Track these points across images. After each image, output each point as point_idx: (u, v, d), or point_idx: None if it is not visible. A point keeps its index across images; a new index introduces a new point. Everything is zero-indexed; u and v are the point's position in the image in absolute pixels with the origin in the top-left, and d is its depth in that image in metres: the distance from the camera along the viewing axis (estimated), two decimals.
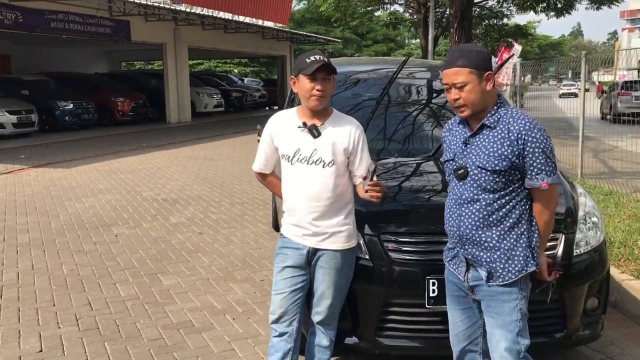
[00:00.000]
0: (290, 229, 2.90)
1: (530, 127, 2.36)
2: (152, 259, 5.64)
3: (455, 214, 2.52)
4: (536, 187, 2.38)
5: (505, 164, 2.37)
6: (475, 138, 2.47)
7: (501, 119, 2.42)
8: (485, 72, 2.41)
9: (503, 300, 2.45)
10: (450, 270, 2.65)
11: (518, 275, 2.43)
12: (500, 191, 2.41)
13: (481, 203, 2.43)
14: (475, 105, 2.42)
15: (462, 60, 2.40)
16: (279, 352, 2.87)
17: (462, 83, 2.39)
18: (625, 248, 5.01)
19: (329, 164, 2.78)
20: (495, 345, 2.49)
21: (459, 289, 2.63)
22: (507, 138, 2.38)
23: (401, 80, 4.31)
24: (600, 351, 3.71)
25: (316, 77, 2.69)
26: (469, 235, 2.47)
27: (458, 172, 2.48)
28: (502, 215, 2.42)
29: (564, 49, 71.26)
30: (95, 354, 3.71)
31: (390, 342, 3.11)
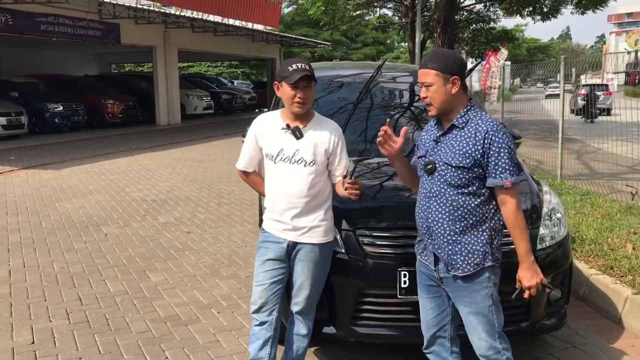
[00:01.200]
0: (271, 224, 3.10)
1: (497, 129, 2.56)
2: (140, 257, 5.81)
3: (424, 207, 2.72)
4: (499, 185, 2.55)
5: (469, 161, 2.57)
6: (445, 137, 2.68)
7: (470, 120, 2.62)
8: (452, 76, 2.60)
9: (475, 290, 2.65)
10: (422, 261, 2.84)
11: (476, 269, 2.62)
12: (464, 187, 2.60)
13: (447, 197, 2.63)
14: (439, 104, 2.63)
15: (432, 63, 2.62)
16: (259, 340, 3.06)
17: (428, 83, 2.62)
18: (596, 245, 5.22)
19: (310, 163, 2.98)
20: (473, 330, 2.69)
21: (429, 279, 2.82)
22: (473, 137, 2.58)
23: (379, 83, 4.51)
24: (566, 340, 3.92)
25: (298, 85, 2.89)
26: (435, 227, 2.67)
27: (427, 167, 2.69)
28: (466, 212, 2.61)
29: (552, 52, 71.98)
30: (85, 345, 3.88)
31: (365, 331, 3.30)
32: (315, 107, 3.31)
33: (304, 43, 34.33)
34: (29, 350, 3.82)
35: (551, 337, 3.92)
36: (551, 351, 3.79)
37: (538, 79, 24.33)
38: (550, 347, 3.84)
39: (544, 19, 22.27)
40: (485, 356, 2.70)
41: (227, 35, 26.24)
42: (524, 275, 2.60)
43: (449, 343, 2.88)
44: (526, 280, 2.60)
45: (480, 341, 2.68)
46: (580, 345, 3.87)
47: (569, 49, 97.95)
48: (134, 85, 24.21)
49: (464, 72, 2.69)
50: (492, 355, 2.68)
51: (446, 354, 2.88)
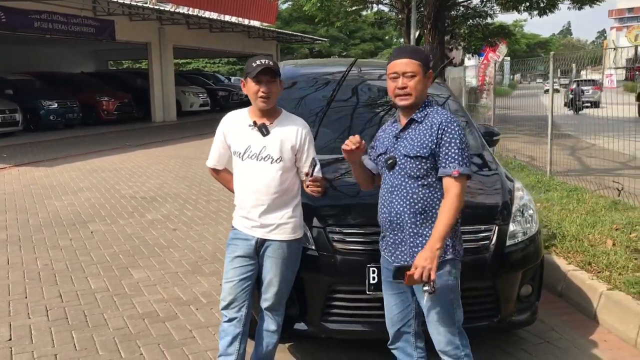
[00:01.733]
0: (240, 221, 3.12)
1: (449, 120, 2.65)
2: (124, 254, 5.83)
3: (386, 202, 2.76)
4: (448, 174, 2.60)
5: (425, 151, 2.64)
6: (405, 132, 2.74)
7: (428, 115, 2.71)
8: (429, 71, 2.73)
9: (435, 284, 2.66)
10: (385, 257, 2.86)
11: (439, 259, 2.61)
12: (423, 178, 2.66)
13: (407, 190, 2.68)
14: (417, 95, 2.69)
15: (414, 55, 2.70)
16: (229, 336, 3.08)
17: (412, 73, 2.66)
18: (577, 241, 5.24)
19: (276, 160, 3.00)
20: (433, 324, 2.72)
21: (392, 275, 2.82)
22: (429, 129, 2.67)
23: (353, 81, 4.52)
24: (540, 336, 3.94)
25: (261, 80, 2.91)
26: (398, 220, 2.70)
27: (388, 162, 2.75)
28: (426, 204, 2.66)
29: (552, 47, 71.85)
30: (61, 341, 3.90)
31: (335, 327, 3.33)
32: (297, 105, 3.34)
33: (301, 39, 34.31)
34: (5, 347, 3.84)
35: (525, 333, 3.95)
36: (524, 346, 3.81)
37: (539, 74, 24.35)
38: (524, 343, 3.86)
39: (541, 14, 22.23)
40: (444, 351, 2.72)
41: (222, 31, 26.23)
42: (422, 255, 2.51)
43: (414, 338, 2.91)
44: (420, 259, 2.50)
45: (439, 336, 2.71)
46: (554, 341, 3.90)
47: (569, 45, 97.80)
48: (130, 82, 24.22)
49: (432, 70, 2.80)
50: (450, 350, 2.70)
51: (411, 349, 2.90)
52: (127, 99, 21.84)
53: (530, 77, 29.49)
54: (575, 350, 3.78)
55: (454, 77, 17.78)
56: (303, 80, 4.72)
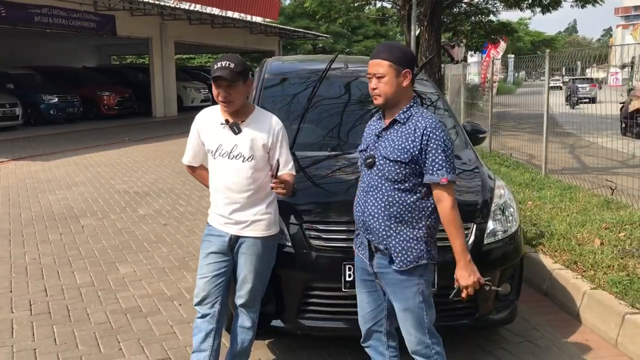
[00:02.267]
0: (214, 218, 3.11)
1: (435, 126, 2.57)
2: (113, 249, 5.83)
3: (361, 201, 2.72)
4: (436, 181, 2.54)
5: (406, 156, 2.57)
6: (387, 132, 2.67)
7: (412, 117, 2.62)
8: (404, 69, 2.60)
9: (405, 287, 2.65)
10: (359, 256, 2.84)
11: (409, 266, 2.61)
12: (401, 183, 2.60)
13: (383, 192, 2.62)
14: (388, 96, 2.61)
15: (384, 54, 2.60)
16: (202, 332, 3.07)
17: (381, 74, 2.59)
18: (564, 240, 5.21)
19: (248, 158, 2.98)
20: (403, 325, 2.71)
21: (365, 273, 2.82)
22: (412, 134, 2.58)
23: (336, 77, 4.50)
24: (521, 334, 3.92)
25: (220, 84, 2.89)
26: (371, 221, 2.66)
27: (367, 161, 2.69)
28: (402, 208, 2.60)
29: (557, 45, 71.48)
30: (42, 336, 3.91)
31: (311, 324, 3.32)
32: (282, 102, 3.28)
33: (303, 35, 34.24)
34: None
35: (506, 331, 3.93)
36: (504, 345, 3.79)
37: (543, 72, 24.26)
38: (504, 341, 3.84)
39: (544, 12, 22.13)
40: (415, 351, 2.71)
41: (224, 27, 26.19)
42: (461, 275, 2.58)
43: (385, 337, 2.89)
44: (463, 279, 2.58)
45: (410, 336, 2.70)
46: (535, 340, 3.88)
47: (574, 42, 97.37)
48: (132, 77, 24.23)
49: (414, 67, 2.68)
50: (421, 349, 2.69)
51: (382, 348, 2.89)
52: (128, 93, 21.85)
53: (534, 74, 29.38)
54: (555, 349, 3.76)
55: (453, 74, 17.70)
56: (289, 77, 4.71)
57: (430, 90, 4.61)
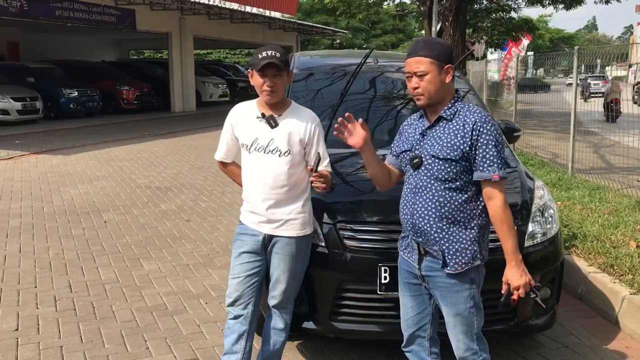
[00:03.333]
0: (247, 216, 3.02)
1: (485, 120, 2.46)
2: (136, 245, 5.78)
3: (409, 203, 2.59)
4: (487, 178, 2.43)
5: (456, 153, 2.45)
6: (432, 130, 2.55)
7: (458, 112, 2.51)
8: (446, 65, 2.48)
9: (456, 291, 2.54)
10: (404, 258, 2.72)
11: (464, 268, 2.49)
12: (452, 182, 2.48)
13: (433, 192, 2.50)
14: (431, 95, 2.49)
15: (424, 51, 2.47)
16: (234, 333, 2.99)
17: (422, 72, 2.47)
18: (598, 242, 5.07)
19: (284, 153, 2.89)
20: (452, 330, 2.60)
21: (410, 277, 2.70)
22: (461, 129, 2.46)
23: (368, 72, 4.39)
24: (558, 340, 3.80)
25: (266, 73, 2.80)
26: (421, 223, 2.53)
27: (413, 162, 2.56)
28: (453, 208, 2.48)
29: (577, 42, 70.65)
30: (68, 333, 3.86)
31: (344, 327, 3.22)
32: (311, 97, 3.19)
33: (322, 31, 34.11)
34: (11, 337, 3.81)
35: (543, 337, 3.81)
36: (541, 351, 3.67)
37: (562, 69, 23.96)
38: (540, 347, 3.72)
39: (568, 8, 21.80)
40: (463, 358, 2.60)
41: (243, 22, 26.16)
42: (512, 274, 2.47)
43: (428, 343, 2.78)
44: (514, 279, 2.46)
45: (459, 342, 2.59)
46: (573, 346, 3.75)
47: (594, 40, 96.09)
48: (150, 72, 24.27)
49: (452, 62, 2.56)
50: (469, 356, 2.59)
51: (424, 354, 2.78)
52: (147, 88, 21.87)
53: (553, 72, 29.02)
54: (594, 356, 3.64)
55: (475, 70, 17.50)
56: (318, 72, 4.61)
57: (464, 86, 4.48)
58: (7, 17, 15.97)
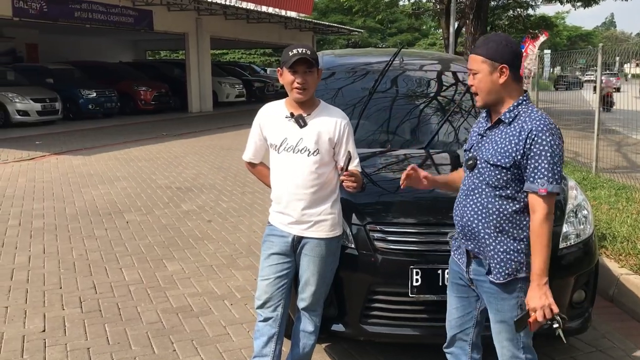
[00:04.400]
0: (276, 217, 2.98)
1: (543, 129, 2.29)
2: (159, 245, 5.77)
3: (461, 204, 2.52)
4: (534, 191, 2.30)
5: (507, 160, 2.33)
6: (491, 132, 2.46)
7: (519, 116, 2.38)
8: (500, 65, 2.35)
9: (503, 298, 2.44)
10: (454, 258, 2.65)
11: (506, 279, 2.40)
12: (502, 189, 2.37)
13: (483, 197, 2.41)
14: (484, 94, 2.40)
15: (480, 48, 2.40)
16: (264, 336, 2.95)
17: (475, 70, 2.41)
18: (629, 243, 4.97)
19: (313, 152, 2.85)
20: (497, 336, 2.52)
21: (459, 277, 2.63)
22: (517, 136, 2.34)
23: (396, 71, 4.34)
24: (591, 344, 3.72)
25: (297, 70, 2.76)
26: (469, 227, 2.46)
27: (468, 163, 2.50)
28: (502, 217, 2.39)
29: (595, 40, 69.76)
30: (94, 334, 3.85)
31: (374, 330, 3.16)
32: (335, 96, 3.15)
33: (337, 30, 34.03)
34: (39, 338, 3.80)
35: (575, 340, 3.73)
36: (574, 355, 3.60)
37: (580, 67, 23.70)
38: (574, 351, 3.64)
39: (585, 6, 21.57)
40: None
41: (259, 22, 26.17)
42: (532, 295, 2.31)
43: (469, 348, 2.70)
44: (533, 300, 2.30)
45: (503, 349, 2.51)
46: (607, 350, 3.67)
47: (612, 37, 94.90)
48: (167, 73, 24.37)
49: (517, 61, 2.41)
50: None
51: (464, 358, 2.71)
52: (164, 89, 21.95)
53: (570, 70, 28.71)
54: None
55: None
56: (342, 71, 4.56)
57: None
58: (28, 19, 16.11)
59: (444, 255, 3.03)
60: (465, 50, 14.88)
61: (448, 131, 4.14)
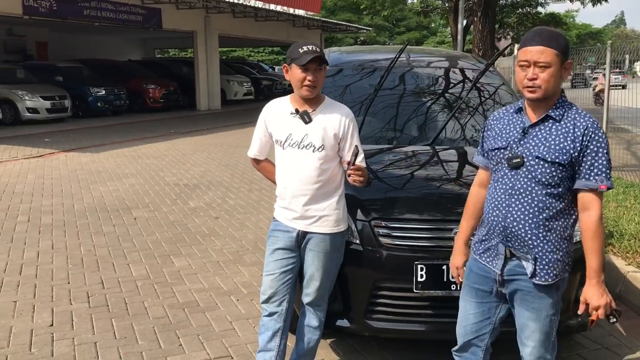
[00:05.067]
0: (281, 212, 3.00)
1: (597, 126, 2.31)
2: (166, 242, 5.81)
3: (503, 204, 2.42)
4: (593, 188, 2.25)
5: (565, 157, 2.29)
6: (536, 128, 2.37)
7: (566, 113, 2.34)
8: (567, 60, 2.33)
9: (542, 297, 2.40)
10: (480, 262, 2.55)
11: (555, 279, 2.37)
12: (555, 187, 2.32)
13: (533, 196, 2.34)
14: (548, 89, 2.31)
15: (551, 41, 2.30)
16: (269, 331, 2.97)
17: (546, 63, 2.28)
18: (636, 240, 4.95)
19: (318, 148, 2.86)
20: (528, 335, 2.47)
21: (482, 282, 2.55)
22: (572, 133, 2.29)
23: (403, 68, 4.34)
24: (597, 341, 3.71)
25: (308, 67, 2.76)
26: (515, 228, 2.37)
27: (512, 161, 2.38)
28: (552, 215, 2.34)
29: (604, 38, 69.30)
30: (101, 329, 3.88)
31: (379, 325, 3.17)
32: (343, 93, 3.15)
33: (346, 28, 34.00)
34: (47, 332, 3.84)
35: (581, 337, 3.72)
36: (580, 352, 3.59)
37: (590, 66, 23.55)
38: (580, 348, 3.64)
39: (595, 3, 21.43)
40: None
41: (267, 20, 26.20)
42: (593, 293, 2.29)
43: (482, 353, 2.65)
44: (595, 298, 2.28)
45: (533, 349, 2.47)
46: (613, 347, 3.66)
47: (622, 35, 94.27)
48: (176, 71, 24.43)
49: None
50: None
51: None
52: (173, 87, 22.01)
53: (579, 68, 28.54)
54: (635, 358, 3.54)
55: (503, 66, 17.27)
56: (349, 68, 4.57)
57: (499, 80, 4.40)
58: (38, 17, 16.22)
59: (448, 251, 3.03)
60: (473, 47, 14.81)
61: (454, 128, 4.14)
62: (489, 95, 4.33)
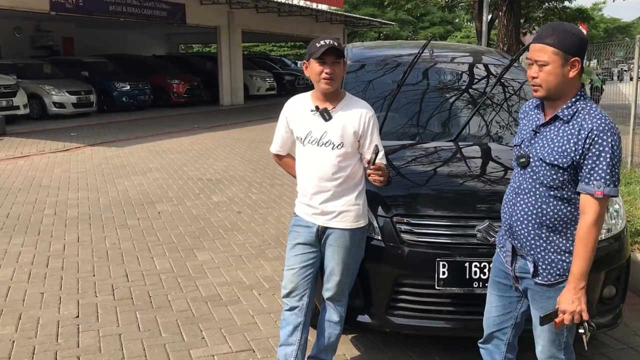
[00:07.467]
0: (301, 208, 3.02)
1: (604, 129, 2.20)
2: (190, 236, 5.87)
3: (510, 202, 2.45)
4: (589, 193, 2.21)
5: (565, 160, 2.24)
6: (546, 128, 2.34)
7: (577, 113, 2.27)
8: (572, 58, 2.23)
9: (549, 297, 2.39)
10: (499, 256, 2.59)
11: (557, 280, 2.35)
12: (558, 190, 2.30)
13: (536, 197, 2.33)
14: (550, 88, 2.26)
15: (550, 38, 2.24)
16: (290, 325, 3.00)
17: (543, 62, 2.24)
18: None
19: (338, 146, 2.87)
20: (539, 334, 2.48)
21: (502, 275, 2.57)
22: (576, 135, 2.23)
23: (426, 63, 4.32)
24: (622, 340, 3.67)
25: (325, 60, 2.77)
26: (519, 226, 2.40)
27: (520, 160, 2.40)
28: (555, 218, 2.32)
29: (633, 32, 67.95)
30: (126, 321, 3.94)
31: (400, 321, 3.17)
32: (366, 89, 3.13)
33: (369, 23, 33.84)
34: (72, 323, 3.91)
35: (606, 337, 3.68)
36: (604, 351, 3.55)
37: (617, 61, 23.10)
38: (604, 347, 3.60)
39: None
40: None
41: (290, 15, 26.19)
42: (566, 297, 2.25)
43: (505, 347, 2.67)
44: (565, 302, 2.25)
45: (544, 347, 2.47)
46: (638, 347, 3.62)
47: None
48: (199, 66, 24.58)
49: (584, 54, 2.31)
50: None
51: (499, 356, 2.68)
52: (196, 82, 22.17)
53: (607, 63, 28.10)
54: None
55: None
56: (372, 63, 4.56)
57: (524, 77, 4.35)
58: (64, 13, 16.43)
59: (471, 248, 3.03)
60: (497, 42, 14.64)
61: (478, 124, 4.11)
62: (513, 91, 4.29)
